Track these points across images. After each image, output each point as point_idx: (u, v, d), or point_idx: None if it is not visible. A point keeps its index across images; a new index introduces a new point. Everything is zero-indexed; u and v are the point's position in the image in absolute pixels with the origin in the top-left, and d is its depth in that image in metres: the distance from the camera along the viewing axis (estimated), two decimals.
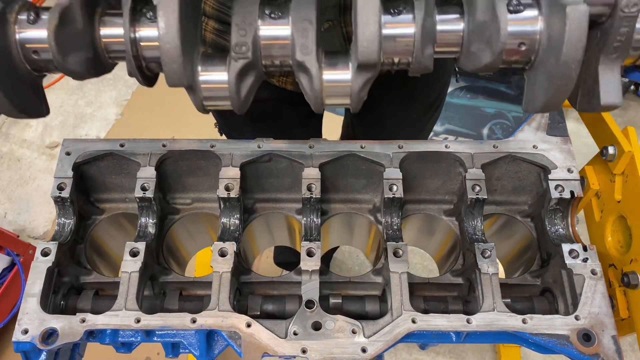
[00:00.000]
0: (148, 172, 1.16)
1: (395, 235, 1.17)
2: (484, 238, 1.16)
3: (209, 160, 1.21)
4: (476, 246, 1.09)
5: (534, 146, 1.17)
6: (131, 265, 1.06)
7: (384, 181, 1.16)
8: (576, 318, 1.00)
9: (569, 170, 1.15)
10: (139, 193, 1.15)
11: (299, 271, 1.11)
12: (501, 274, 1.10)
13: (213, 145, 1.19)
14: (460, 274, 1.18)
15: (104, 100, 3.84)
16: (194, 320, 1.00)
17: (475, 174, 1.16)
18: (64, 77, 3.91)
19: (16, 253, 2.66)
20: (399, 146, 1.18)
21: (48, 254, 1.08)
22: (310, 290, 1.05)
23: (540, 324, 0.99)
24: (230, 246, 1.10)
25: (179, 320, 1.00)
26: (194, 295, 1.19)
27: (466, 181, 1.15)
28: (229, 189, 1.15)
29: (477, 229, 1.18)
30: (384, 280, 1.14)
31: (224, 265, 1.07)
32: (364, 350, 0.97)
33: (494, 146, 1.19)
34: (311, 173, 1.17)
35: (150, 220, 1.19)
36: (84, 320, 0.99)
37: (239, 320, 1.00)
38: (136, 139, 1.20)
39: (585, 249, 1.08)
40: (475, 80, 3.68)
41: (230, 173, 1.16)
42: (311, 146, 1.19)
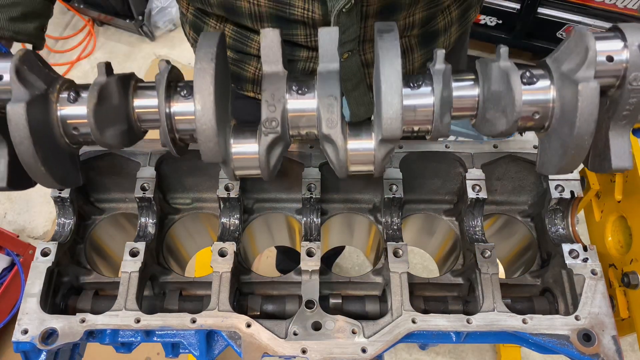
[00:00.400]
0: (148, 172, 1.17)
1: (395, 235, 1.17)
2: (484, 238, 1.16)
3: None
4: (476, 246, 1.10)
5: (534, 146, 1.17)
6: (131, 265, 1.06)
7: (384, 181, 1.16)
8: (576, 318, 1.00)
9: None
10: (138, 193, 1.16)
11: (299, 271, 1.11)
12: (501, 274, 1.10)
13: None
14: (460, 274, 1.18)
15: None
16: (193, 321, 1.00)
17: (475, 174, 1.16)
18: None
19: (16, 253, 2.66)
20: (399, 146, 1.18)
21: (48, 254, 1.08)
22: (310, 290, 1.06)
23: (540, 324, 0.99)
24: (230, 246, 1.10)
25: (179, 321, 1.00)
26: (194, 295, 1.19)
27: (466, 181, 1.16)
28: (228, 189, 1.16)
29: (477, 229, 1.18)
30: (384, 280, 1.14)
31: (224, 265, 1.07)
32: (364, 350, 0.97)
33: (494, 146, 1.19)
34: (311, 173, 1.17)
35: (150, 220, 1.19)
36: (83, 321, 0.99)
37: (239, 321, 1.00)
38: None
39: (585, 249, 1.08)
40: None
41: None
42: (311, 146, 1.20)
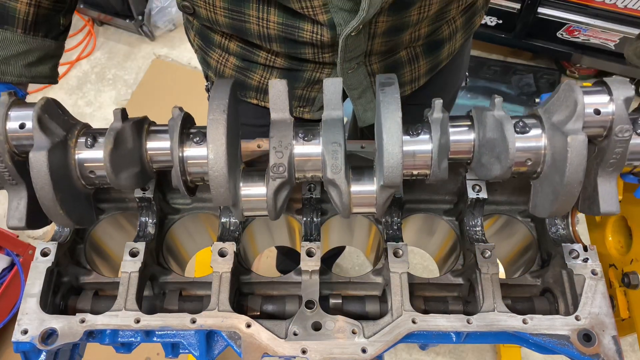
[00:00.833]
0: None
1: (395, 235, 1.17)
2: (484, 238, 1.16)
3: None
4: (476, 246, 1.09)
5: None
6: (131, 265, 1.06)
7: None
8: (576, 318, 1.00)
9: None
10: (138, 193, 1.15)
11: (299, 271, 1.11)
12: (501, 274, 1.10)
13: None
14: (460, 274, 1.18)
15: (103, 100, 3.84)
16: (193, 321, 1.00)
17: None
18: (63, 77, 3.90)
19: (16, 253, 2.66)
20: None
21: (48, 254, 1.08)
22: (310, 291, 1.05)
23: (540, 324, 0.99)
24: (230, 246, 1.10)
25: (179, 321, 1.00)
26: (194, 296, 1.18)
27: (466, 181, 1.15)
28: None
29: (477, 229, 1.18)
30: (384, 280, 1.14)
31: (224, 266, 1.07)
32: (364, 350, 0.96)
33: None
34: None
35: (150, 220, 1.19)
36: (83, 321, 0.99)
37: (239, 321, 1.00)
38: None
39: (585, 249, 1.08)
40: (475, 80, 3.68)
41: None
42: None
